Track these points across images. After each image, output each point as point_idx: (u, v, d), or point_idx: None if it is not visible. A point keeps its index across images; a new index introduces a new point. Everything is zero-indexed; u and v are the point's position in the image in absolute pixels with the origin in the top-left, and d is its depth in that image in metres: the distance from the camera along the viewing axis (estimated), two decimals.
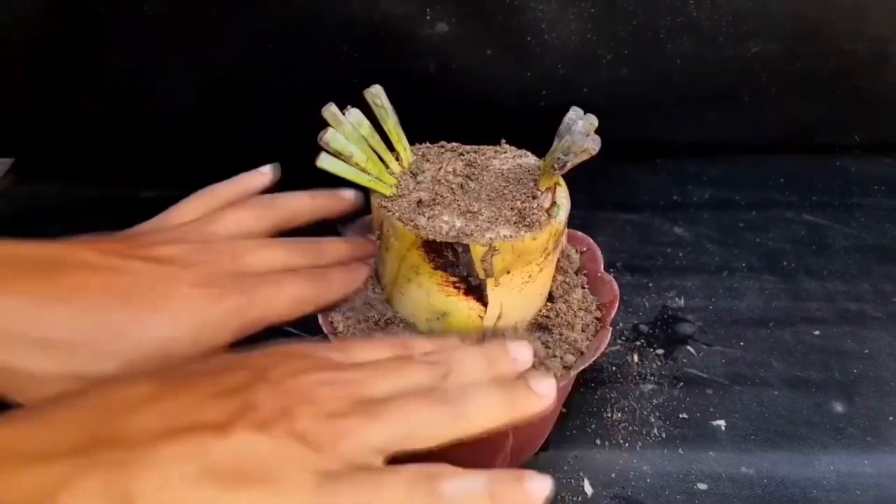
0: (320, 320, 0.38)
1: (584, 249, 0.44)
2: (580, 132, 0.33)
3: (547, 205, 0.36)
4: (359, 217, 0.44)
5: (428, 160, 0.39)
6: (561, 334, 0.39)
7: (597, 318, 0.41)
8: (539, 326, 0.39)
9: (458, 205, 0.36)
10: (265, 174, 0.41)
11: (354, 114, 0.36)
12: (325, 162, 0.34)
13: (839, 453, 0.45)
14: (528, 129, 0.42)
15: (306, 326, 0.38)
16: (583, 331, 0.40)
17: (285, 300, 0.35)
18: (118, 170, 0.68)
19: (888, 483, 0.43)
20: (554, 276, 0.41)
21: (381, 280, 0.40)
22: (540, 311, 0.40)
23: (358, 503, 0.23)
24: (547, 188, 0.37)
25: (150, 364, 0.29)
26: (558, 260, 0.41)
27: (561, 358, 0.37)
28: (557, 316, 0.39)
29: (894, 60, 0.63)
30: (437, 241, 0.34)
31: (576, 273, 0.43)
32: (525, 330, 0.39)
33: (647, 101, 0.66)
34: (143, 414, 0.23)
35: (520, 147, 0.41)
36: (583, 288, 0.42)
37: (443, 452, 0.26)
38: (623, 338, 0.53)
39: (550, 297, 0.41)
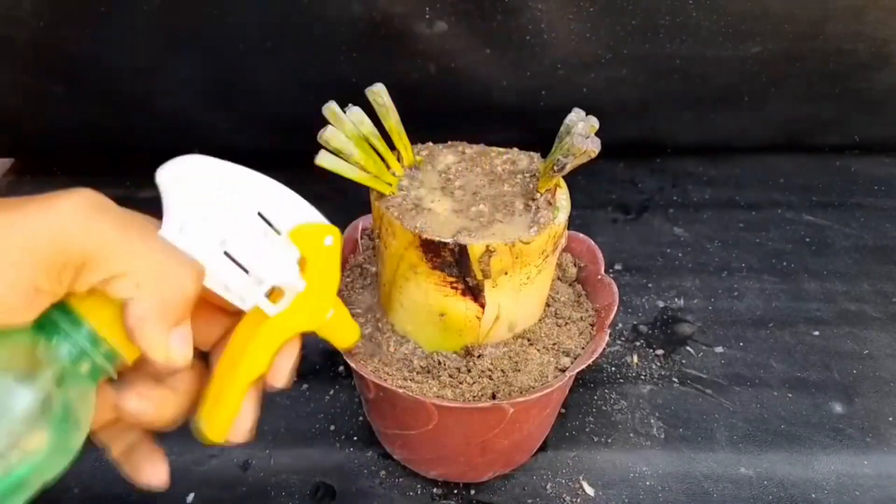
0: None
1: (584, 264, 0.44)
2: (580, 134, 0.33)
3: (546, 207, 0.36)
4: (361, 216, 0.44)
5: (429, 159, 0.39)
6: (556, 338, 0.39)
7: (594, 321, 0.41)
8: (533, 331, 0.39)
9: (458, 205, 0.36)
10: None
11: (356, 112, 0.36)
12: (324, 160, 0.34)
13: (839, 454, 0.45)
14: (528, 129, 0.42)
15: None
16: (580, 334, 0.40)
17: None
18: (118, 170, 0.68)
19: (888, 484, 0.43)
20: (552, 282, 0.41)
21: (378, 280, 0.40)
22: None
23: None
24: (547, 190, 0.37)
25: None
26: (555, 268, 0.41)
27: (556, 360, 0.37)
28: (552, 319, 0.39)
29: (894, 60, 0.63)
30: (435, 240, 0.34)
31: (570, 285, 0.43)
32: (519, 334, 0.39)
33: (647, 101, 0.66)
34: None
35: (520, 147, 0.41)
36: (579, 294, 0.42)
37: (428, 457, 0.26)
38: (622, 338, 0.53)
39: (547, 303, 0.41)
